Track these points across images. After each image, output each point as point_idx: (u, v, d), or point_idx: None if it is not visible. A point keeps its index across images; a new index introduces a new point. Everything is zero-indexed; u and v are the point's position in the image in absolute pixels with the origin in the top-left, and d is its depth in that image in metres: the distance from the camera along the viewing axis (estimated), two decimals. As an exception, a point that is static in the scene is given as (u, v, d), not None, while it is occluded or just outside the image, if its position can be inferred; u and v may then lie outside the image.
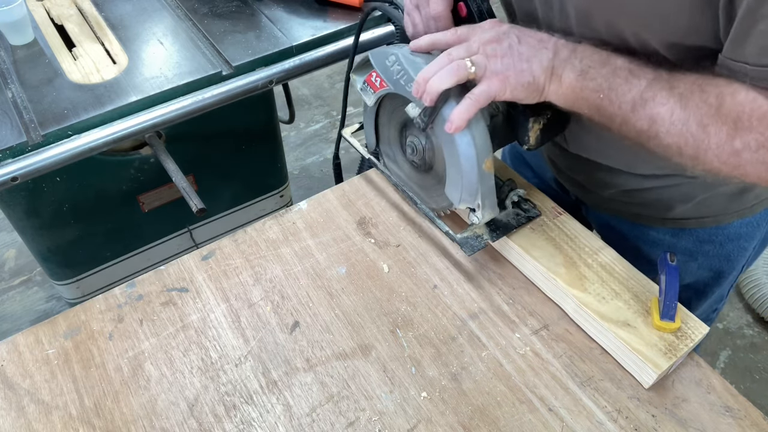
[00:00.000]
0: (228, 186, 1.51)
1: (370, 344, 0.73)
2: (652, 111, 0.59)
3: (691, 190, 0.81)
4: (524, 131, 0.73)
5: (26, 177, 1.02)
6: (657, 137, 0.60)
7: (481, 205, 0.75)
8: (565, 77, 0.63)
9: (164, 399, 0.69)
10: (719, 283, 0.94)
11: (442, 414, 0.67)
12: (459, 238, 0.79)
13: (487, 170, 0.72)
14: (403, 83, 0.72)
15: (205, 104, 1.14)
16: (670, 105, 0.58)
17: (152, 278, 0.80)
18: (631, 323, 0.69)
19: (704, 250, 0.88)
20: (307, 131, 2.57)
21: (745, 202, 0.83)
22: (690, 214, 0.85)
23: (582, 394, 0.68)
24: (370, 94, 0.79)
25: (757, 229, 0.87)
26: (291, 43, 1.22)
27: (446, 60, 0.65)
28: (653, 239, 0.90)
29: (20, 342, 0.74)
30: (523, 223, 0.80)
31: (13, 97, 1.10)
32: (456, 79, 0.64)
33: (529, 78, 0.64)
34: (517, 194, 0.82)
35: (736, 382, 1.74)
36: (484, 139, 0.70)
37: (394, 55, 0.72)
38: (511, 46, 0.64)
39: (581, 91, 0.63)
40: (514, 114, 0.73)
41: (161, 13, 1.31)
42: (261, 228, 0.86)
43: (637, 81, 0.60)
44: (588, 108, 0.64)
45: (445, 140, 0.73)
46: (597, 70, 0.61)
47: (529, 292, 0.77)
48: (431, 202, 0.83)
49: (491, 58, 0.64)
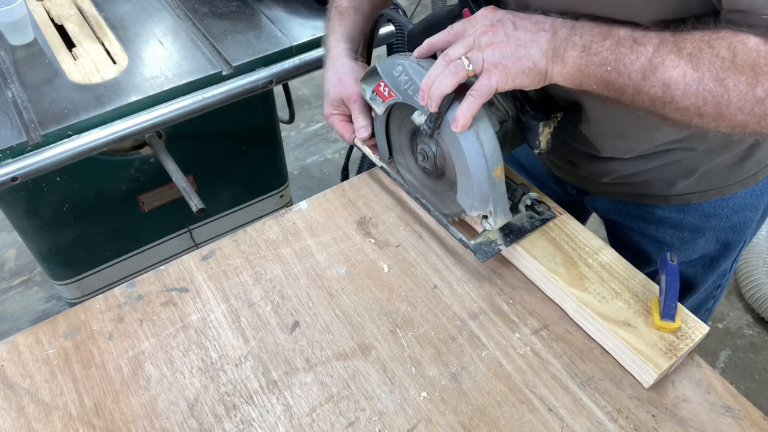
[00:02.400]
0: (228, 186, 1.51)
1: (370, 344, 0.73)
2: (664, 76, 0.57)
3: (692, 164, 0.81)
4: (534, 136, 0.72)
5: (26, 177, 1.02)
6: (673, 101, 0.58)
7: (493, 212, 0.74)
8: (568, 56, 0.62)
9: (164, 399, 0.69)
10: (726, 255, 0.94)
11: (442, 414, 0.67)
12: (472, 244, 0.78)
13: (497, 177, 0.71)
14: (411, 93, 0.72)
15: (205, 104, 1.14)
16: (681, 66, 0.57)
17: (152, 278, 0.80)
18: (632, 323, 0.69)
19: (711, 224, 0.88)
20: (307, 131, 2.57)
21: (746, 170, 0.83)
22: (693, 188, 0.84)
23: (582, 394, 0.68)
24: (379, 103, 0.79)
25: (760, 198, 0.87)
26: (291, 43, 1.22)
27: (443, 63, 0.65)
28: (659, 218, 0.90)
29: (20, 342, 0.74)
30: (537, 226, 0.79)
31: (13, 97, 1.10)
32: (455, 80, 0.64)
33: (529, 64, 0.62)
34: (530, 198, 0.81)
35: (736, 382, 1.74)
36: (494, 147, 0.70)
37: (401, 65, 0.73)
38: (507, 34, 0.63)
39: (587, 67, 0.61)
40: (524, 119, 0.73)
41: (161, 13, 1.31)
42: (261, 228, 0.86)
43: (644, 48, 0.58)
44: (596, 84, 0.62)
45: (453, 148, 0.72)
46: (600, 43, 0.60)
47: (529, 292, 0.77)
48: (444, 208, 0.83)
49: (487, 49, 0.63)
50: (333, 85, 0.87)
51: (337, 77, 0.87)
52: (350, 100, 0.87)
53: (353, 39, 0.89)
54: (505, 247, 0.78)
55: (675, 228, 0.90)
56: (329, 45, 0.90)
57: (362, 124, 0.88)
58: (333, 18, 0.91)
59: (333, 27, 0.90)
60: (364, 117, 0.88)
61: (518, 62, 0.62)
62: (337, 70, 0.87)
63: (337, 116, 0.90)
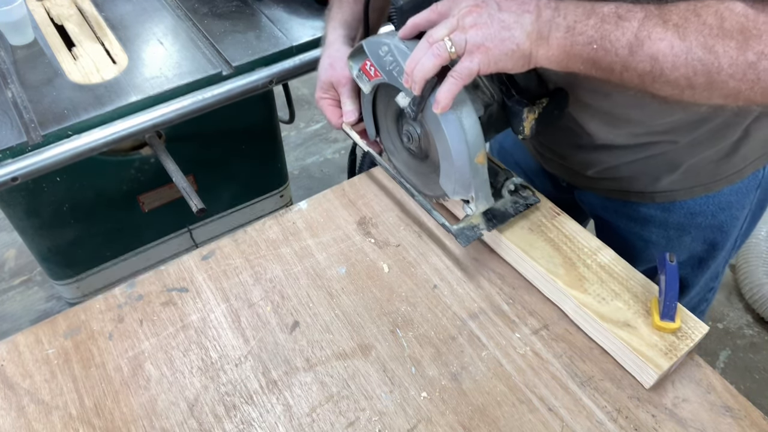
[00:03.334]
0: (228, 186, 1.51)
1: (370, 344, 0.73)
2: (651, 49, 0.57)
3: (676, 157, 0.81)
4: (518, 121, 0.72)
5: (26, 177, 1.02)
6: (662, 74, 0.57)
7: (474, 197, 0.75)
8: (552, 38, 0.60)
9: (164, 399, 0.69)
10: (714, 255, 0.93)
11: (442, 414, 0.67)
12: (454, 229, 0.78)
13: (479, 163, 0.71)
14: (395, 74, 0.72)
15: (205, 104, 1.14)
16: (668, 38, 0.56)
17: (152, 278, 0.80)
18: (631, 324, 0.69)
19: (696, 222, 0.88)
20: (307, 131, 2.57)
21: (733, 166, 0.82)
22: (678, 184, 0.84)
23: (582, 394, 0.68)
24: (365, 82, 0.79)
25: (746, 196, 0.87)
26: (291, 43, 1.22)
27: (426, 45, 0.64)
28: (645, 216, 0.90)
29: (20, 342, 0.74)
30: (520, 211, 0.80)
31: (13, 97, 1.10)
32: (437, 62, 0.63)
33: (512, 46, 0.61)
34: (514, 182, 0.81)
35: (736, 382, 1.74)
36: (476, 133, 0.69)
37: (387, 45, 0.72)
38: (491, 15, 0.61)
39: (572, 47, 0.60)
40: (509, 103, 0.72)
41: (161, 13, 1.31)
42: (261, 228, 0.86)
43: (629, 24, 0.58)
44: (583, 63, 0.61)
45: (436, 132, 0.72)
46: (584, 22, 0.59)
47: (529, 292, 0.77)
48: (427, 190, 0.83)
49: (470, 30, 0.61)
50: (324, 69, 0.88)
51: (329, 61, 0.87)
52: (339, 84, 0.87)
53: (350, 26, 0.89)
54: (488, 232, 0.78)
55: (660, 227, 0.90)
56: (327, 31, 0.91)
57: (350, 108, 0.88)
58: (333, 7, 0.92)
59: (332, 15, 0.91)
60: (352, 101, 0.88)
61: (501, 44, 0.61)
62: (330, 54, 0.87)
63: (327, 100, 0.90)
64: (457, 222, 0.79)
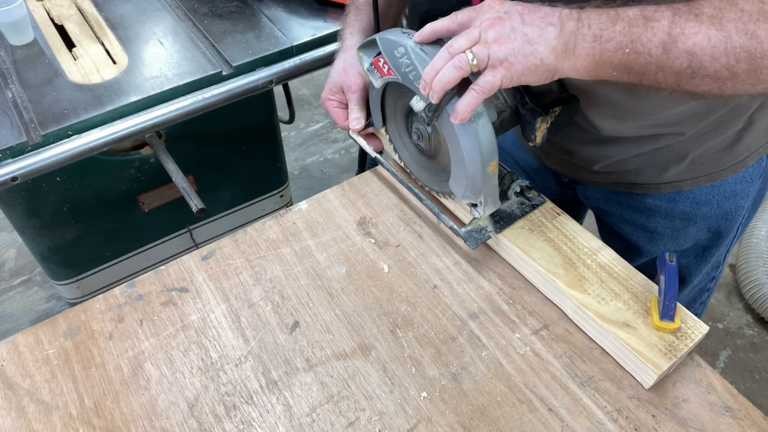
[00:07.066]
0: (228, 186, 1.51)
1: (370, 344, 0.73)
2: (686, 44, 0.55)
3: (683, 148, 0.81)
4: (531, 129, 0.72)
5: (26, 177, 1.02)
6: (702, 68, 0.56)
7: (483, 202, 0.76)
8: (579, 50, 0.59)
9: (164, 399, 0.69)
10: (718, 244, 0.94)
11: (442, 414, 0.67)
12: (463, 232, 0.79)
13: (491, 172, 0.72)
14: (411, 78, 0.71)
15: (205, 104, 1.14)
16: (704, 31, 0.55)
17: (152, 278, 0.80)
18: (631, 324, 0.69)
19: (702, 212, 0.88)
20: (307, 131, 2.57)
21: (737, 155, 0.83)
22: (684, 175, 0.85)
23: (582, 394, 0.68)
24: (377, 77, 0.78)
25: (750, 185, 0.87)
26: (291, 43, 1.22)
27: (447, 55, 0.63)
28: (650, 207, 0.90)
29: (20, 342, 0.74)
30: (527, 212, 0.81)
31: (13, 97, 1.10)
32: (459, 74, 0.62)
33: (536, 61, 0.60)
34: (519, 184, 0.82)
35: (736, 382, 1.74)
36: (491, 143, 0.70)
37: (403, 47, 0.71)
38: (514, 28, 0.60)
39: (601, 56, 0.59)
40: (523, 111, 0.72)
41: (161, 13, 1.31)
42: (261, 228, 0.86)
43: (658, 24, 0.57)
44: (615, 69, 0.60)
45: (450, 140, 0.73)
46: (611, 29, 0.58)
47: (529, 292, 0.77)
48: (434, 185, 0.85)
49: (493, 45, 0.61)
50: (337, 72, 0.90)
51: (343, 65, 0.89)
52: (350, 89, 0.88)
53: (368, 34, 0.90)
54: (495, 234, 0.79)
55: (666, 217, 0.90)
56: (344, 37, 0.92)
57: (356, 115, 0.89)
58: (350, 14, 0.93)
59: (349, 21, 0.92)
60: (359, 109, 0.89)
61: (524, 59, 0.60)
62: (345, 58, 0.89)
63: (333, 102, 0.92)
64: (465, 225, 0.80)
